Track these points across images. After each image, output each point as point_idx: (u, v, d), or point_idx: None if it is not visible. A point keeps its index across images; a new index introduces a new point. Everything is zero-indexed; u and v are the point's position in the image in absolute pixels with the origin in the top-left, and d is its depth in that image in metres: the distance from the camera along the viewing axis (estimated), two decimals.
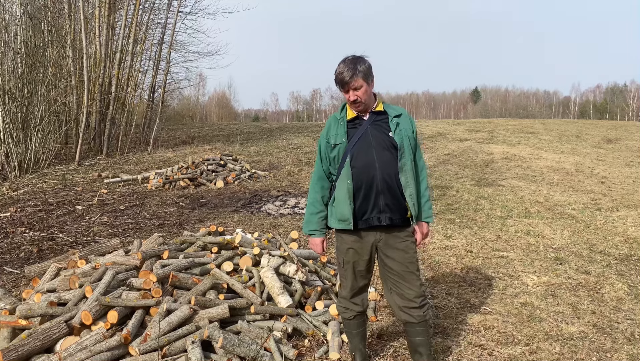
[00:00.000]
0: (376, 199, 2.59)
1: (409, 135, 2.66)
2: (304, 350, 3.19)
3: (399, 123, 2.66)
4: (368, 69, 2.57)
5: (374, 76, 2.63)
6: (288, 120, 74.31)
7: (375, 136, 2.62)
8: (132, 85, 16.16)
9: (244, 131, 19.95)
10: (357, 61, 2.55)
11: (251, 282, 3.66)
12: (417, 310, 2.66)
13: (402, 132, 2.63)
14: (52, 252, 5.35)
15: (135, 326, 3.03)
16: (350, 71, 2.53)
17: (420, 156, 2.75)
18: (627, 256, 5.33)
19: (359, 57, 2.59)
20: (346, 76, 2.53)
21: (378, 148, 2.59)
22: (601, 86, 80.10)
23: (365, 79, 2.55)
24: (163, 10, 16.38)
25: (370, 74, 2.58)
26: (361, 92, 2.56)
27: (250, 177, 9.80)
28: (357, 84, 2.54)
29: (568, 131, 18.89)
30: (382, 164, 2.57)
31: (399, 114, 2.69)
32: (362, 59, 2.58)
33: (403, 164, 2.60)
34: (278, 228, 6.34)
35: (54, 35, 13.54)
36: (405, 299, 2.66)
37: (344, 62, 2.56)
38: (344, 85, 2.57)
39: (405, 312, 2.67)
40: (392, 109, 2.70)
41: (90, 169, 11.01)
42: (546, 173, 10.87)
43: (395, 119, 2.66)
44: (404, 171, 2.60)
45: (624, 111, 66.52)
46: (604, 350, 3.29)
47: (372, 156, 2.59)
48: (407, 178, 2.61)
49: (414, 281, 2.65)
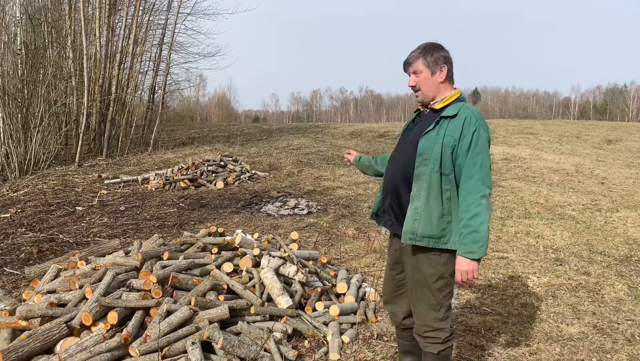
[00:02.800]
0: (385, 198, 2.52)
1: (447, 142, 2.23)
2: (304, 351, 3.19)
3: (443, 125, 2.28)
4: (438, 58, 2.33)
5: (449, 70, 2.36)
6: (288, 121, 74.32)
7: (413, 134, 2.41)
8: (132, 86, 16.15)
9: (244, 131, 19.95)
10: (429, 46, 2.36)
11: (251, 283, 3.66)
12: (421, 337, 2.43)
13: (438, 137, 2.25)
14: (52, 253, 5.35)
15: (135, 327, 3.03)
16: (415, 52, 2.37)
17: (471, 176, 2.20)
18: (627, 257, 5.33)
19: (436, 44, 2.37)
20: (409, 57, 2.38)
21: (408, 147, 2.40)
22: (601, 86, 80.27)
23: (429, 66, 2.33)
24: (163, 11, 16.40)
25: (437, 64, 2.33)
26: (421, 79, 2.35)
27: (250, 178, 9.79)
28: (417, 68, 2.35)
29: (568, 132, 18.89)
30: (400, 165, 2.42)
31: (453, 115, 2.28)
32: (438, 47, 2.36)
33: (421, 172, 2.27)
34: (278, 229, 6.35)
35: (54, 36, 13.54)
36: (416, 317, 2.47)
37: (418, 45, 2.39)
38: (404, 66, 2.41)
39: (415, 331, 2.49)
40: (452, 109, 2.31)
41: (91, 170, 11.02)
42: (546, 174, 10.87)
43: (444, 120, 2.29)
44: (420, 181, 2.28)
45: (624, 111, 66.54)
46: (604, 350, 3.28)
47: (399, 152, 2.47)
48: (420, 190, 2.27)
49: (424, 308, 2.39)
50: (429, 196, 2.26)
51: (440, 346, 2.39)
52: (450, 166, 2.25)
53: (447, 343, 2.40)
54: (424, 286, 2.36)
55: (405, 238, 2.31)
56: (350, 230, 6.31)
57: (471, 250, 2.20)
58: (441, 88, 2.37)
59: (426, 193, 2.26)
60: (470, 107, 2.32)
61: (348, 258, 5.19)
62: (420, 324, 2.42)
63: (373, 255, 5.28)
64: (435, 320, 2.37)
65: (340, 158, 12.92)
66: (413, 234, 2.29)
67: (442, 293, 2.36)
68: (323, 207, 7.66)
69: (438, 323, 2.38)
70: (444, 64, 2.34)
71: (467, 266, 2.22)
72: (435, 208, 2.26)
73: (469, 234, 2.19)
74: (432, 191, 2.25)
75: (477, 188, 2.20)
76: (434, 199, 2.26)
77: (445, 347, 2.40)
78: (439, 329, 2.38)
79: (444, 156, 2.23)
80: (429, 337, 2.40)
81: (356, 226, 6.53)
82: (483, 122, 2.28)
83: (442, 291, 2.36)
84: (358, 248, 5.54)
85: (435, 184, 2.25)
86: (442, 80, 2.36)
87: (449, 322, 2.41)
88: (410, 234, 2.29)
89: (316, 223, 6.69)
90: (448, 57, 2.36)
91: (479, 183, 2.20)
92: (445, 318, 2.39)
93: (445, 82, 2.37)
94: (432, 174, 2.25)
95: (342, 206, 7.75)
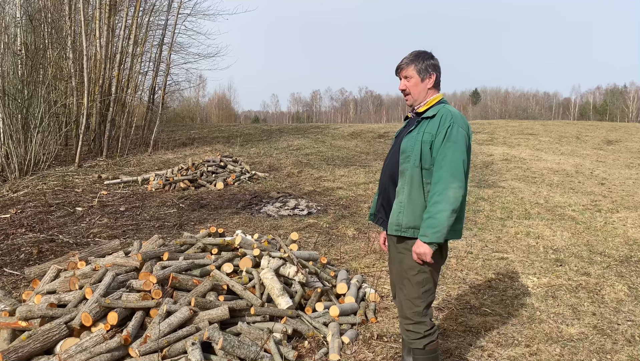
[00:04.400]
0: (378, 199, 2.67)
1: (425, 139, 2.39)
2: (304, 352, 3.19)
3: (423, 125, 2.45)
4: (428, 66, 2.49)
5: (436, 78, 2.52)
6: (288, 121, 74.32)
7: (400, 137, 2.59)
8: (132, 86, 16.16)
9: (244, 132, 19.95)
10: (421, 54, 2.51)
11: (251, 283, 3.66)
12: (405, 331, 2.52)
13: (418, 136, 2.42)
14: (52, 253, 5.35)
15: (135, 327, 3.03)
16: (407, 58, 2.52)
17: (440, 167, 2.33)
18: (627, 257, 5.33)
19: (427, 53, 2.53)
20: (402, 62, 2.53)
21: (394, 149, 2.57)
22: (601, 87, 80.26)
23: (420, 72, 2.49)
24: (163, 12, 16.40)
25: (427, 71, 2.49)
26: (410, 84, 2.51)
27: (250, 178, 9.80)
28: (408, 74, 2.50)
29: (568, 133, 18.90)
30: (388, 166, 2.59)
31: (432, 115, 2.45)
32: (428, 55, 2.52)
33: (404, 168, 2.44)
34: (278, 230, 6.35)
35: (54, 36, 13.54)
36: (399, 311, 2.59)
37: (410, 52, 2.55)
38: (396, 70, 2.56)
39: (400, 327, 2.60)
40: (432, 110, 2.47)
41: (90, 171, 11.02)
42: (546, 175, 10.88)
43: (424, 120, 2.46)
44: (404, 177, 2.44)
45: (623, 112, 66.56)
46: (604, 351, 3.28)
47: (388, 156, 2.62)
48: (404, 184, 2.43)
49: (405, 300, 2.49)
50: (411, 190, 2.41)
51: (424, 340, 2.47)
52: (430, 160, 2.38)
53: (429, 337, 2.48)
54: (404, 278, 2.49)
55: (392, 230, 2.46)
56: (350, 231, 6.31)
57: (425, 234, 2.32)
58: (428, 93, 2.54)
59: (409, 187, 2.41)
60: (450, 107, 2.48)
61: (348, 259, 5.19)
62: (402, 316, 2.53)
63: (373, 256, 5.28)
64: (415, 314, 2.47)
65: (343, 160, 12.93)
66: (398, 225, 2.43)
67: (423, 287, 2.45)
68: (323, 207, 7.66)
69: (417, 316, 2.47)
70: (433, 71, 2.51)
71: (420, 248, 2.35)
72: (417, 200, 2.40)
73: (426, 219, 2.33)
74: (414, 184, 2.40)
75: (444, 178, 2.31)
76: (416, 192, 2.40)
77: (429, 341, 2.48)
78: (418, 323, 2.47)
79: (423, 151, 2.38)
80: (410, 331, 2.49)
81: (356, 226, 6.53)
82: (461, 121, 2.41)
83: (423, 286, 2.45)
84: (358, 249, 5.54)
85: (417, 178, 2.39)
86: (430, 86, 2.52)
87: (429, 316, 2.52)
88: (396, 225, 2.44)
89: (316, 223, 6.69)
90: (437, 65, 2.53)
91: (447, 174, 2.31)
92: (425, 313, 2.49)
93: (432, 88, 2.54)
94: (413, 169, 2.40)
95: (342, 206, 7.75)
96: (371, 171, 11.05)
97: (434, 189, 2.33)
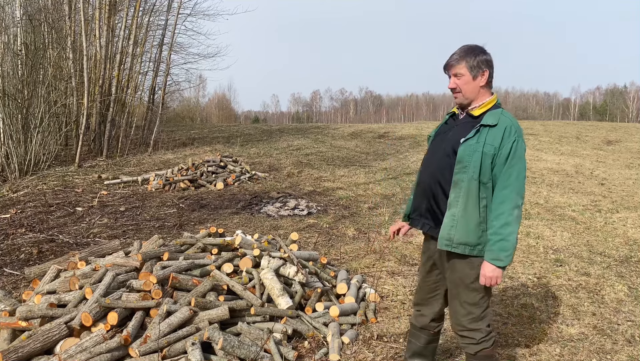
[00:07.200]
0: (421, 201, 2.51)
1: (487, 151, 2.23)
2: (304, 352, 3.19)
3: (483, 133, 2.27)
4: (480, 62, 2.32)
5: (490, 75, 2.35)
6: (288, 121, 74.29)
7: (450, 138, 2.39)
8: (132, 86, 16.15)
9: (244, 132, 19.95)
10: (472, 49, 2.35)
11: (251, 283, 3.66)
12: (459, 336, 2.49)
13: (478, 145, 2.25)
14: (52, 253, 5.35)
15: (135, 327, 3.03)
16: (457, 55, 2.35)
17: (506, 186, 2.22)
18: (627, 257, 5.33)
19: (479, 47, 2.36)
20: (451, 59, 2.37)
21: (445, 150, 2.39)
22: (601, 87, 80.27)
23: (471, 70, 2.32)
24: (163, 12, 16.40)
25: (479, 68, 2.32)
26: (462, 82, 2.35)
27: (250, 178, 9.79)
28: (459, 71, 2.34)
29: (568, 133, 18.89)
30: (437, 168, 2.41)
31: (493, 125, 2.27)
32: (480, 50, 2.35)
33: (459, 179, 2.27)
34: (278, 230, 6.35)
35: (54, 36, 13.53)
36: (451, 316, 2.52)
37: (460, 47, 2.38)
38: (445, 67, 2.40)
39: (452, 329, 2.54)
40: (491, 117, 2.30)
41: (91, 171, 11.02)
42: (546, 175, 10.87)
43: (484, 128, 2.28)
44: (458, 188, 2.28)
45: (623, 112, 66.56)
46: (604, 351, 3.28)
47: (435, 156, 2.45)
48: (458, 197, 2.28)
49: (459, 307, 2.43)
50: (466, 204, 2.27)
51: (476, 347, 2.42)
52: (489, 175, 2.26)
53: (482, 344, 2.41)
54: (460, 286, 2.40)
55: (442, 244, 2.34)
56: (350, 231, 6.31)
57: (498, 257, 2.23)
58: (481, 92, 2.37)
59: (464, 200, 2.27)
60: (509, 115, 2.34)
61: (348, 259, 5.19)
62: (455, 323, 2.47)
63: (373, 256, 5.27)
64: (469, 320, 2.40)
65: (343, 160, 12.93)
66: (449, 240, 2.31)
67: (480, 293, 2.38)
68: (323, 208, 7.66)
69: (473, 323, 2.40)
70: (486, 68, 2.34)
71: (492, 272, 2.25)
72: (472, 215, 2.27)
73: (497, 241, 2.23)
74: (470, 198, 2.27)
75: (511, 198, 2.23)
76: (471, 207, 2.27)
77: (482, 348, 2.42)
78: (473, 330, 2.41)
79: (483, 164, 2.24)
80: (464, 337, 2.44)
81: (356, 226, 6.53)
82: (521, 132, 2.30)
83: (480, 293, 2.38)
84: (358, 249, 5.54)
85: (474, 191, 2.26)
86: (483, 84, 2.36)
87: (485, 322, 2.42)
88: (447, 240, 2.32)
89: (316, 223, 6.69)
90: (490, 61, 2.36)
91: (513, 194, 2.23)
92: (481, 318, 2.40)
93: (485, 86, 2.37)
94: (470, 182, 2.26)
95: (342, 206, 7.75)
96: (371, 171, 11.05)
97: (500, 209, 2.23)
